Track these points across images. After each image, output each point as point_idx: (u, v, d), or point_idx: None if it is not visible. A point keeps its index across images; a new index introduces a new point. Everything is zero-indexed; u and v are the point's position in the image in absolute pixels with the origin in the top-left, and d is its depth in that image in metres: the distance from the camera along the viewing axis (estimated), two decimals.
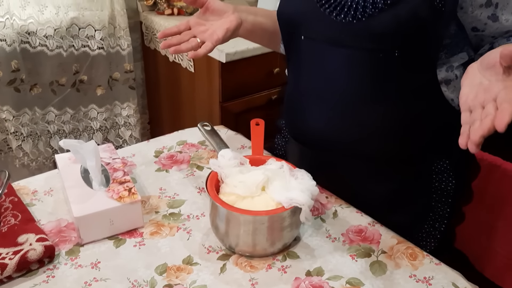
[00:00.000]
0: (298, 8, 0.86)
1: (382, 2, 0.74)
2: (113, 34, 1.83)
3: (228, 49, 1.59)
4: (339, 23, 0.79)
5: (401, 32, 0.75)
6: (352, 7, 0.77)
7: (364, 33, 0.77)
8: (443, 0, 0.72)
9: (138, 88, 2.08)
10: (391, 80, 0.80)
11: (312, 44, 0.85)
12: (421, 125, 0.84)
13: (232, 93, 1.73)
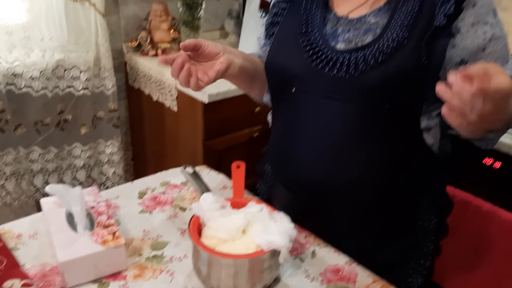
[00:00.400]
0: (289, 62, 0.90)
1: (372, 60, 0.80)
2: (98, 75, 1.87)
3: (211, 90, 1.65)
4: (331, 78, 0.84)
5: (390, 87, 0.81)
6: (344, 64, 0.83)
7: (356, 88, 0.82)
8: (428, 57, 0.79)
9: (122, 126, 2.11)
10: (381, 130, 0.85)
11: (304, 96, 0.89)
12: (406, 168, 0.90)
13: (215, 131, 1.77)
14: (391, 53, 0.80)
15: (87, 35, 1.80)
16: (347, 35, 0.86)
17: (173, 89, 1.80)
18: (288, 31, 0.93)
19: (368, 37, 0.84)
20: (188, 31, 1.76)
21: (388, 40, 0.81)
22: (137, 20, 2.02)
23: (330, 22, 0.90)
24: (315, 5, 0.92)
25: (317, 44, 0.87)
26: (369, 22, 0.85)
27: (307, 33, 0.89)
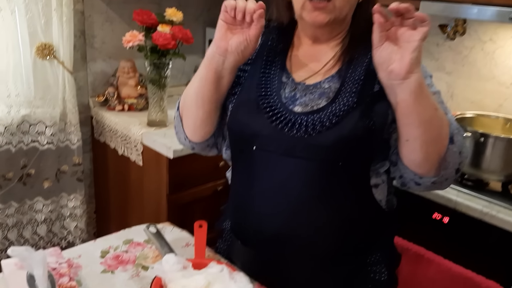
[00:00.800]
0: (250, 122, 0.96)
1: (327, 122, 0.89)
2: (64, 130, 1.89)
3: (176, 145, 1.69)
4: (290, 138, 0.91)
5: (344, 146, 0.89)
6: (302, 124, 0.90)
7: (313, 147, 0.90)
8: (373, 121, 0.89)
9: (86, 179, 2.11)
10: (335, 186, 0.92)
11: (264, 154, 0.95)
12: (358, 223, 0.97)
13: (179, 185, 1.80)
14: (343, 116, 0.89)
15: (54, 91, 1.84)
16: (304, 99, 0.94)
17: (138, 144, 1.83)
18: (248, 92, 0.99)
19: (322, 101, 0.93)
20: (155, 89, 1.82)
21: (340, 104, 0.90)
22: (104, 76, 2.08)
23: (288, 87, 0.97)
24: (273, 69, 1.00)
25: (276, 107, 0.94)
26: (323, 87, 0.95)
27: (266, 95, 0.97)
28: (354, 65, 0.94)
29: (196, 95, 0.99)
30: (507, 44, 1.78)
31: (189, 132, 1.06)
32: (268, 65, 1.01)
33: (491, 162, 1.47)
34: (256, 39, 0.91)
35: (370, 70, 0.90)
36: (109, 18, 2.02)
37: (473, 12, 1.48)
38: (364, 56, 0.93)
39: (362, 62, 0.94)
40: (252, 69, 1.02)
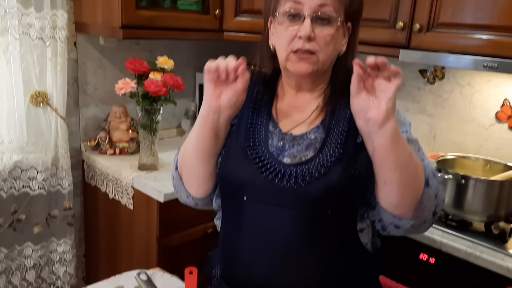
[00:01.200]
0: (240, 173, 1.00)
1: (316, 172, 0.93)
2: (55, 174, 1.91)
3: (166, 189, 1.72)
4: (280, 188, 0.95)
5: (332, 196, 0.94)
6: (292, 176, 0.95)
7: (302, 197, 0.94)
8: (358, 170, 0.94)
9: (76, 222, 2.11)
10: (324, 234, 0.96)
11: (255, 204, 0.98)
12: (345, 266, 1.00)
13: (169, 229, 1.82)
14: (331, 167, 0.94)
15: (47, 137, 1.87)
16: (292, 150, 0.99)
17: (129, 188, 1.86)
18: (237, 143, 1.04)
19: (310, 152, 0.97)
20: (146, 133, 1.86)
21: (326, 155, 0.95)
22: (96, 121, 2.12)
23: (276, 137, 1.02)
24: (259, 119, 1.05)
25: (265, 157, 0.99)
26: (309, 138, 1.00)
27: (255, 145, 1.01)
28: (337, 116, 1.00)
29: (196, 154, 1.02)
30: (483, 88, 1.87)
31: (192, 190, 1.08)
32: (254, 116, 1.06)
33: (473, 203, 1.51)
34: (244, 90, 0.95)
35: (353, 121, 0.95)
36: (102, 65, 2.08)
37: (449, 60, 1.57)
38: (345, 107, 0.99)
39: (344, 113, 0.99)
40: (239, 120, 1.06)
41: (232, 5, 1.99)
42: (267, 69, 1.09)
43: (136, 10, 1.74)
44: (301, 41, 0.95)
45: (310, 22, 0.94)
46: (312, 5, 0.94)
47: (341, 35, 0.99)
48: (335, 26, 0.96)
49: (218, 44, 2.45)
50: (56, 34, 1.79)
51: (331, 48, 0.97)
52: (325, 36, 0.95)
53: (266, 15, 1.05)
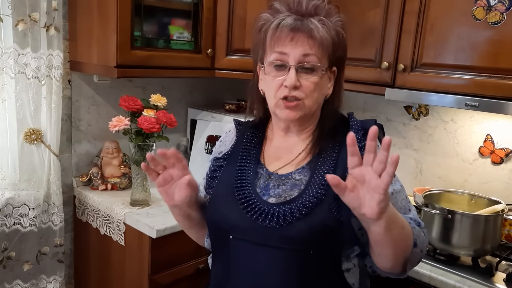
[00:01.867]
0: (226, 214, 1.04)
1: (298, 213, 0.96)
2: (47, 211, 1.92)
3: (159, 225, 1.73)
4: (264, 228, 0.98)
5: (314, 236, 0.96)
6: (275, 215, 0.98)
7: (285, 236, 0.97)
8: (340, 212, 0.97)
9: (66, 259, 2.09)
10: (309, 273, 0.98)
11: (241, 244, 1.01)
12: None
13: (161, 265, 1.82)
14: (313, 208, 0.97)
15: (39, 174, 1.88)
16: (277, 190, 1.03)
17: (121, 224, 1.86)
18: (225, 185, 1.08)
19: (294, 192, 1.01)
20: (138, 169, 1.89)
21: (309, 196, 0.98)
22: (89, 157, 2.14)
23: (262, 177, 1.06)
24: (248, 162, 1.10)
25: (251, 197, 1.02)
26: (294, 178, 1.03)
27: (242, 187, 1.05)
28: (323, 158, 1.04)
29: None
30: (466, 124, 1.94)
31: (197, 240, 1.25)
32: (244, 159, 1.10)
33: (460, 238, 1.55)
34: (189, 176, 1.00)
35: (338, 165, 1.00)
36: (95, 102, 2.12)
37: (433, 99, 1.64)
38: (332, 149, 1.04)
39: (331, 156, 1.04)
40: (228, 163, 1.11)
41: (223, 44, 2.06)
42: (258, 111, 1.14)
43: (131, 50, 1.79)
44: (287, 89, 1.00)
45: (295, 72, 0.99)
46: (296, 55, 0.99)
47: (326, 80, 1.04)
48: (319, 74, 1.01)
49: (209, 81, 2.51)
50: (51, 73, 1.83)
51: (316, 94, 1.02)
52: (310, 84, 1.00)
53: (254, 61, 1.11)
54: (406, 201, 1.06)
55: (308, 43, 0.99)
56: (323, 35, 0.99)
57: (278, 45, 1.00)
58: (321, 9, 1.02)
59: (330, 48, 1.01)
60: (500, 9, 1.49)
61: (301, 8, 1.01)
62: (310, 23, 0.99)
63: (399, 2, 1.69)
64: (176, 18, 1.96)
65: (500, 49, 1.50)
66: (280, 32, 1.00)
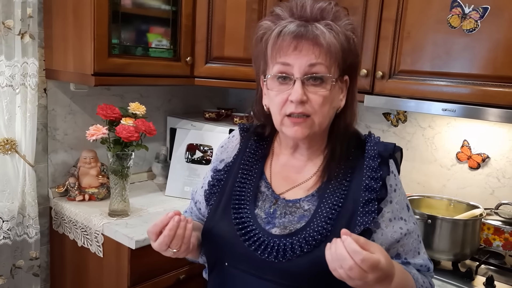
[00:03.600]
0: (224, 238, 0.95)
1: (300, 249, 0.88)
2: (22, 223, 1.86)
3: (138, 236, 1.70)
4: (262, 260, 0.90)
5: (314, 274, 0.88)
6: (274, 249, 0.90)
7: (283, 272, 0.89)
8: None
9: (42, 273, 2.04)
10: None
11: (235, 272, 0.95)
12: None
13: (141, 276, 1.78)
14: (316, 245, 0.88)
15: (14, 185, 1.83)
16: (283, 220, 0.94)
17: (99, 235, 1.82)
18: (223, 204, 1.00)
19: (300, 224, 0.92)
20: (117, 179, 1.85)
21: (314, 231, 0.89)
22: (65, 167, 2.09)
23: (268, 200, 0.97)
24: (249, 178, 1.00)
25: (248, 224, 0.94)
26: (303, 208, 0.94)
27: (240, 209, 0.97)
28: (333, 186, 0.94)
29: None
30: (443, 130, 1.97)
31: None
32: (244, 174, 1.01)
33: (440, 243, 1.56)
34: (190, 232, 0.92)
35: (348, 196, 0.92)
36: (72, 111, 2.07)
37: (411, 105, 1.65)
38: (344, 175, 0.94)
39: (342, 184, 0.94)
40: (228, 176, 1.03)
41: (203, 52, 2.05)
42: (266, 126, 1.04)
43: (109, 58, 1.77)
44: (293, 105, 0.89)
45: (301, 84, 0.88)
46: (301, 66, 0.88)
47: (337, 92, 0.93)
48: (329, 86, 0.90)
49: (189, 89, 2.49)
50: (26, 82, 1.79)
51: (327, 108, 0.91)
52: (318, 98, 0.89)
53: (256, 74, 1.00)
54: (418, 241, 0.98)
55: (314, 51, 0.88)
56: (330, 41, 0.88)
57: (280, 55, 0.90)
58: (328, 13, 0.91)
59: (339, 55, 0.90)
60: (475, 17, 1.52)
61: (305, 13, 0.90)
62: (315, 28, 0.88)
63: (376, 9, 1.72)
64: (154, 25, 1.95)
65: (475, 55, 1.53)
66: (282, 40, 0.89)
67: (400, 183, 0.98)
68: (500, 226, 1.67)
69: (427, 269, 0.99)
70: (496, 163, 1.85)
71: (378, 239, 0.93)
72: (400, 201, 0.95)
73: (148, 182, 2.40)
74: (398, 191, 0.96)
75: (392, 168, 0.96)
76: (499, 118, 1.48)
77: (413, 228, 0.96)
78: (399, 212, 0.95)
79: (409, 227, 0.95)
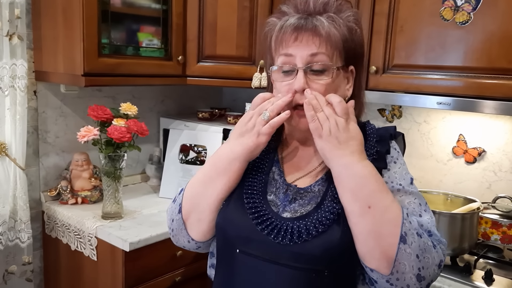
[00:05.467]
0: (236, 223, 0.95)
1: (314, 230, 0.88)
2: (14, 228, 1.83)
3: (132, 238, 1.67)
4: (276, 244, 0.90)
5: (330, 256, 0.88)
6: (288, 232, 0.90)
7: (298, 255, 0.89)
8: None
9: (35, 278, 2.00)
10: None
11: (247, 259, 0.93)
12: None
13: (136, 279, 1.75)
14: (329, 225, 0.89)
15: (4, 189, 1.80)
16: (294, 205, 0.95)
17: (93, 238, 1.79)
18: (235, 193, 0.99)
19: (311, 206, 0.93)
20: (110, 181, 1.82)
21: (325, 211, 0.91)
22: (57, 170, 2.06)
23: (281, 187, 0.98)
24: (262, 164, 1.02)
25: (262, 209, 0.94)
26: (313, 191, 0.96)
27: (253, 195, 0.97)
28: None
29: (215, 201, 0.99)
30: (439, 125, 1.96)
31: (198, 235, 1.04)
32: (256, 164, 1.02)
33: None
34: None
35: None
36: (63, 113, 2.05)
37: (405, 99, 1.64)
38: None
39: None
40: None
41: (194, 51, 2.03)
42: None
43: (99, 58, 1.74)
44: (298, 95, 0.93)
45: (303, 74, 0.92)
46: (303, 56, 0.92)
47: (342, 81, 0.97)
48: (330, 74, 0.93)
49: (181, 89, 2.47)
50: (15, 84, 1.76)
51: None
52: (320, 86, 0.93)
53: (267, 71, 1.04)
54: (418, 205, 0.95)
55: (314, 41, 0.92)
56: (330, 31, 0.91)
57: (282, 47, 0.94)
58: (330, 6, 0.94)
59: (341, 44, 0.93)
60: (467, 9, 1.51)
61: (308, 8, 0.94)
62: (316, 20, 0.92)
63: (369, 3, 1.70)
64: (145, 25, 1.92)
65: (469, 48, 1.52)
66: (283, 33, 0.93)
67: (402, 158, 0.99)
68: (497, 220, 1.65)
69: (429, 234, 0.93)
70: (492, 156, 1.84)
71: None
72: (400, 173, 0.96)
73: (142, 184, 2.38)
74: (398, 163, 0.97)
75: (393, 145, 0.99)
76: (494, 110, 1.47)
77: (412, 191, 0.95)
78: (398, 180, 0.95)
79: (407, 189, 0.95)
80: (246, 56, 2.05)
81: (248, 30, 2.03)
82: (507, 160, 1.80)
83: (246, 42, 2.04)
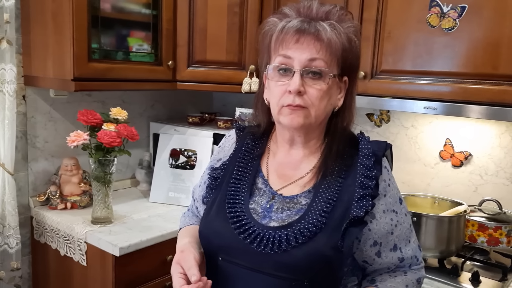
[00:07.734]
0: (216, 232, 0.96)
1: (295, 240, 0.89)
2: (2, 233, 1.81)
3: (122, 243, 1.67)
4: (258, 253, 0.91)
5: (310, 265, 0.89)
6: (270, 241, 0.90)
7: (280, 264, 0.89)
8: (342, 243, 0.90)
9: (24, 284, 1.98)
10: None
11: (230, 267, 0.94)
12: None
13: (126, 284, 1.74)
14: (311, 237, 0.89)
15: None
16: (281, 215, 0.95)
17: (82, 243, 1.78)
18: (218, 200, 1.00)
19: (296, 216, 0.93)
20: (99, 186, 1.82)
21: (308, 223, 0.91)
22: (46, 175, 2.05)
23: (265, 195, 0.99)
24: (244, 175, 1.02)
25: (243, 217, 0.95)
26: (300, 203, 0.96)
27: (234, 204, 0.97)
28: (328, 182, 0.96)
29: None
30: (426, 130, 1.99)
31: None
32: (239, 172, 1.03)
33: (426, 240, 1.57)
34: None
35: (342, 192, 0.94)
36: (52, 118, 2.04)
37: (393, 104, 1.67)
38: (338, 173, 0.97)
39: (336, 181, 0.96)
40: (224, 174, 1.04)
41: (184, 56, 2.04)
42: (261, 123, 1.07)
43: (89, 63, 1.74)
44: (291, 96, 0.93)
45: (299, 76, 0.92)
46: (302, 59, 0.92)
47: (335, 89, 0.97)
48: (327, 80, 0.93)
49: (171, 93, 2.48)
50: (4, 88, 1.75)
51: (324, 103, 0.94)
52: (316, 91, 0.93)
53: (260, 70, 1.04)
54: (409, 230, 1.01)
55: (315, 46, 0.92)
56: (331, 37, 0.92)
57: (282, 48, 0.94)
58: (333, 15, 0.95)
59: (340, 53, 0.93)
60: (453, 15, 1.54)
61: (311, 13, 0.95)
62: (318, 25, 0.92)
63: (357, 10, 1.73)
64: (135, 30, 1.93)
65: (455, 54, 1.55)
66: (285, 34, 0.93)
67: (393, 178, 1.01)
68: (484, 222, 1.68)
69: (416, 260, 1.02)
70: (478, 160, 1.87)
71: (373, 228, 0.96)
72: (394, 195, 0.99)
73: (131, 189, 2.37)
74: (391, 185, 1.00)
75: (385, 164, 1.00)
76: (480, 115, 1.50)
77: (404, 218, 1.00)
78: (392, 205, 0.98)
79: (399, 218, 0.99)
80: (236, 61, 2.06)
81: (238, 36, 2.04)
82: (493, 164, 1.84)
83: (236, 48, 2.05)
